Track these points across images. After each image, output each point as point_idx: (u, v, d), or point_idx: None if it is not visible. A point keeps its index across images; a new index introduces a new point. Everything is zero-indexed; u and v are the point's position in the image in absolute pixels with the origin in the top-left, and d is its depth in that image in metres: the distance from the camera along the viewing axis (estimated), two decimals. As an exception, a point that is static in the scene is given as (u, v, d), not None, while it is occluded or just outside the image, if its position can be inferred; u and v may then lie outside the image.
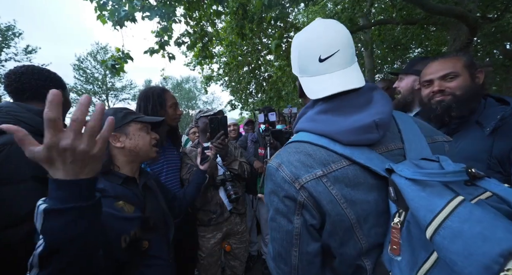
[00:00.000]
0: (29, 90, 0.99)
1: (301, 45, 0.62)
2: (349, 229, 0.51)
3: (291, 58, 0.67)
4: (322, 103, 0.60)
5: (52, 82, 1.05)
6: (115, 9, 2.80)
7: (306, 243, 0.54)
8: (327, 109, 0.58)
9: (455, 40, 3.85)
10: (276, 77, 6.66)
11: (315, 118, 0.59)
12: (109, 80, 20.09)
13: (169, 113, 1.40)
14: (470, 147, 0.89)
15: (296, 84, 0.66)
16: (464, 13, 3.20)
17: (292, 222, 0.54)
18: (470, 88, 0.91)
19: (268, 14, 2.93)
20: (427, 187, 0.43)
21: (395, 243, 0.47)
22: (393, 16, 5.42)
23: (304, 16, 8.16)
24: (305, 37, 0.61)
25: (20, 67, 1.02)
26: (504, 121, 0.83)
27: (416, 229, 0.43)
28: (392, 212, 0.48)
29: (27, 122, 0.89)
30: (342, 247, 0.53)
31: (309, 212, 0.53)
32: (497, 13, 4.99)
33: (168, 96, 1.42)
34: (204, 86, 7.85)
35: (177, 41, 3.76)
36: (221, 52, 6.81)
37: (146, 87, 1.44)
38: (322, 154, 0.54)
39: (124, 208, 0.80)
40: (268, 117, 2.33)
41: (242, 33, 3.97)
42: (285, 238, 0.55)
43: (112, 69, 3.11)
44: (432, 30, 6.54)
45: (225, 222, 1.60)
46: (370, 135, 0.54)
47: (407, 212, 0.45)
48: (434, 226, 0.38)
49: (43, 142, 0.44)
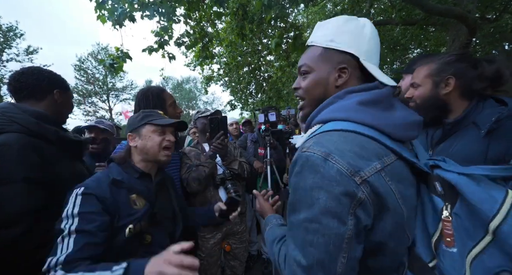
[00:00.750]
0: (26, 89, 0.99)
1: (372, 34, 0.62)
2: (402, 226, 0.51)
3: (353, 36, 0.60)
4: (360, 95, 0.57)
5: (51, 82, 1.05)
6: (114, 7, 2.81)
7: (355, 247, 0.47)
8: (368, 102, 0.55)
9: (454, 40, 3.86)
10: (276, 78, 6.68)
11: (358, 108, 0.54)
12: (110, 80, 20.10)
13: (169, 112, 1.41)
14: (465, 149, 0.88)
15: (346, 70, 0.60)
16: (463, 13, 3.21)
17: (346, 223, 0.45)
18: (429, 97, 0.95)
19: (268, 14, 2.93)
20: (480, 181, 0.48)
21: (448, 236, 0.50)
22: (392, 17, 5.43)
23: (304, 16, 8.19)
24: (375, 32, 0.63)
25: (23, 68, 1.03)
26: (500, 123, 0.81)
27: (466, 220, 0.48)
28: (439, 206, 0.52)
29: (21, 124, 0.88)
30: (397, 245, 0.52)
31: (365, 211, 0.46)
32: (496, 14, 5.00)
33: (167, 95, 1.42)
34: (205, 86, 7.87)
35: (177, 41, 3.77)
36: (221, 52, 6.83)
37: (144, 88, 1.43)
38: (374, 146, 0.50)
39: (136, 201, 0.89)
40: (268, 117, 2.33)
41: (242, 34, 3.98)
42: (332, 242, 0.46)
43: (110, 68, 3.11)
44: (431, 30, 6.55)
45: (224, 222, 1.60)
46: (413, 132, 0.57)
47: (454, 205, 0.50)
48: (501, 216, 0.43)
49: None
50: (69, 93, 1.14)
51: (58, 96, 1.07)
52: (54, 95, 1.06)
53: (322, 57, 0.63)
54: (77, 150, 1.10)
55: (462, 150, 0.89)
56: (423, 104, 0.97)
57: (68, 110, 1.17)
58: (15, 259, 0.79)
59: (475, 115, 0.89)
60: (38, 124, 0.92)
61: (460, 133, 0.93)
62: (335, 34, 0.62)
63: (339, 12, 5.58)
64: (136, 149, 0.98)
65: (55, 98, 1.06)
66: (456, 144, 0.92)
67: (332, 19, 0.65)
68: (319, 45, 0.64)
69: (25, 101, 0.99)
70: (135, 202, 0.88)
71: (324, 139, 0.52)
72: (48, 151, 0.92)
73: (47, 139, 0.94)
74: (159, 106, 1.37)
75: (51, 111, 1.04)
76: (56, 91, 1.06)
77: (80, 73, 18.84)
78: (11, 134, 0.85)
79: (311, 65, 0.64)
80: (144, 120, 0.98)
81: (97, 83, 19.61)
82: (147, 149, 0.96)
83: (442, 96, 0.94)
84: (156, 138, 0.97)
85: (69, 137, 1.03)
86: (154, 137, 0.96)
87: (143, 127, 0.97)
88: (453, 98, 0.94)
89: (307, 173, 0.49)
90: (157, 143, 0.96)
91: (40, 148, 0.89)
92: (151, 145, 0.96)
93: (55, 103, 1.07)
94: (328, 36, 0.62)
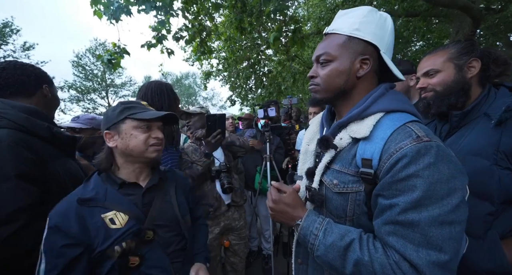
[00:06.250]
0: (13, 85, 0.95)
1: (392, 28, 0.64)
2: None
3: (377, 27, 0.62)
4: (391, 87, 0.66)
5: (38, 77, 1.01)
6: (109, 2, 2.75)
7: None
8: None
9: (458, 32, 3.77)
10: (276, 72, 6.59)
11: (408, 102, 0.64)
12: (108, 76, 19.95)
13: (178, 110, 1.39)
14: (475, 140, 0.83)
15: (368, 61, 0.62)
16: (468, 4, 3.13)
17: (467, 205, 0.51)
18: (453, 82, 0.89)
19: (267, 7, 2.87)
20: None
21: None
22: (395, 8, 5.32)
23: (304, 9, 8.02)
24: (393, 26, 0.65)
25: (2, 62, 0.97)
26: (511, 113, 0.76)
27: None
28: None
29: (12, 120, 0.85)
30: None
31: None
32: (501, 4, 4.88)
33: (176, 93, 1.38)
34: (204, 82, 7.79)
35: (175, 35, 3.71)
36: (220, 47, 6.73)
37: (155, 81, 1.33)
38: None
39: (114, 219, 0.74)
40: (268, 112, 2.30)
41: (241, 27, 3.90)
42: (463, 227, 0.50)
43: (108, 64, 3.07)
44: (434, 22, 6.42)
45: (222, 216, 1.59)
46: None
47: None
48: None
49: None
50: (54, 87, 1.10)
51: (47, 91, 1.04)
52: (43, 90, 1.02)
53: (345, 46, 0.62)
54: (70, 147, 1.07)
55: (471, 141, 0.84)
56: (448, 90, 0.90)
57: (56, 105, 1.13)
58: (6, 260, 0.76)
59: (487, 106, 0.85)
60: (28, 120, 0.88)
61: (470, 125, 0.88)
62: (361, 23, 0.61)
63: (340, 4, 5.46)
64: (117, 149, 0.81)
65: (44, 93, 1.03)
66: (466, 136, 0.87)
67: (356, 8, 0.65)
68: (343, 34, 0.62)
69: (12, 98, 0.94)
70: (112, 220, 0.73)
71: (423, 128, 0.54)
72: (41, 147, 0.89)
73: (39, 135, 0.90)
74: (174, 104, 1.30)
75: (41, 107, 1.00)
76: (45, 86, 1.03)
77: (78, 70, 18.69)
78: (1, 131, 0.82)
79: (333, 54, 0.63)
80: (124, 114, 0.80)
81: (95, 79, 19.48)
82: (130, 149, 0.80)
83: (468, 80, 0.88)
84: (140, 136, 0.80)
85: (62, 133, 1.00)
86: (137, 134, 0.80)
87: (122, 123, 0.80)
88: (474, 83, 0.89)
89: (443, 163, 0.49)
90: (141, 141, 0.80)
91: (31, 144, 0.86)
92: (135, 144, 0.80)
93: (44, 99, 1.03)
94: (354, 25, 0.61)
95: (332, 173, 0.65)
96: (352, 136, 0.61)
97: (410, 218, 0.48)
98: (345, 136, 0.63)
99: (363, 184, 0.58)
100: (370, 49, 0.61)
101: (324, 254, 0.56)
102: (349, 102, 0.66)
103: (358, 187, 0.58)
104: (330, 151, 0.64)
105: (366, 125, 0.59)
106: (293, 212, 0.65)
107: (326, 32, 0.68)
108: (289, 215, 0.65)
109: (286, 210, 0.65)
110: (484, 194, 0.78)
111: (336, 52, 0.62)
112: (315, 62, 0.68)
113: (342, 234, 0.56)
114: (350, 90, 0.65)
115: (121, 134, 0.80)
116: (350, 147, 0.63)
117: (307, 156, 0.79)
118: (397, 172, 0.50)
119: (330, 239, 0.56)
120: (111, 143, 0.81)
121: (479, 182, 0.76)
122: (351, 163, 0.60)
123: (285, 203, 0.66)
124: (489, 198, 0.78)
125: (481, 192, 0.77)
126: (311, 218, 0.62)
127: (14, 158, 0.80)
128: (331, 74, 0.63)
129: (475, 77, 0.89)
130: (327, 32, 0.67)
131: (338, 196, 0.62)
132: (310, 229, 0.60)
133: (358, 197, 0.59)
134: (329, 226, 0.59)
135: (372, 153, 0.55)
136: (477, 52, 0.88)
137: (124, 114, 0.80)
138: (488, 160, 0.78)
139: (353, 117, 0.62)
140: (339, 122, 0.66)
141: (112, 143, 0.81)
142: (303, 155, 0.81)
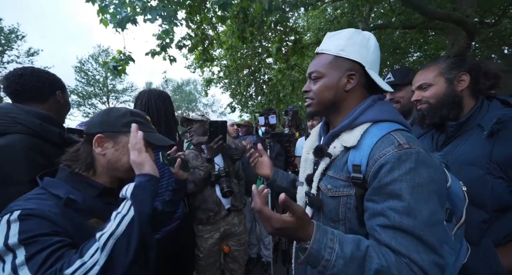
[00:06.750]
0: (29, 92, 0.98)
1: (375, 46, 0.71)
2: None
3: (360, 47, 0.69)
4: (380, 98, 0.72)
5: (52, 83, 1.05)
6: (116, 11, 2.85)
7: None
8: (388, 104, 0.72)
9: (454, 44, 3.89)
10: (276, 80, 6.70)
11: (395, 112, 0.69)
12: (110, 82, 20.13)
13: (174, 119, 1.43)
14: (470, 151, 0.87)
15: (354, 76, 0.70)
16: (462, 18, 3.24)
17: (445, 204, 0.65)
18: (445, 95, 0.95)
19: (268, 18, 2.97)
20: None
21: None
22: (392, 21, 5.47)
23: (304, 20, 8.24)
24: (377, 44, 0.72)
25: (20, 69, 1.00)
26: (503, 124, 0.80)
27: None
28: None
29: (25, 125, 0.88)
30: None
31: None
32: (495, 19, 5.05)
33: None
34: (205, 89, 7.89)
35: (178, 44, 3.80)
36: (221, 55, 6.86)
37: (155, 89, 1.38)
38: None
39: (96, 227, 0.62)
40: (269, 120, 2.34)
41: (243, 37, 4.01)
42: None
43: (113, 71, 3.15)
44: (431, 34, 6.59)
45: (222, 221, 1.60)
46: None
47: None
48: None
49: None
50: (67, 93, 1.15)
51: (60, 97, 1.07)
52: (56, 96, 1.06)
53: (332, 64, 0.71)
54: None
55: (465, 152, 0.88)
56: (440, 102, 0.95)
57: (67, 110, 1.17)
58: None
59: (480, 117, 0.89)
60: (42, 125, 0.91)
61: (464, 136, 0.92)
62: (345, 44, 0.69)
63: (339, 16, 5.62)
64: (104, 158, 0.71)
65: (57, 99, 1.06)
66: (460, 146, 0.91)
67: (341, 31, 0.73)
68: (330, 53, 0.71)
69: (26, 103, 0.98)
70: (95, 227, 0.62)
71: (406, 135, 0.59)
72: (53, 153, 0.91)
73: (51, 141, 0.93)
74: (171, 114, 1.36)
75: (54, 112, 1.03)
76: (58, 92, 1.06)
77: (80, 75, 18.88)
78: (15, 136, 0.85)
79: (322, 71, 0.72)
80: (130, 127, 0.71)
81: (97, 85, 19.64)
82: (121, 164, 0.72)
83: (458, 92, 0.94)
84: None
85: (72, 139, 1.03)
86: None
87: (124, 135, 0.72)
88: (466, 95, 0.94)
89: (423, 168, 0.54)
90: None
91: (44, 149, 0.89)
92: (126, 162, 0.70)
93: (57, 105, 1.07)
94: (339, 46, 0.70)
95: (327, 179, 0.71)
96: (343, 145, 0.68)
97: (406, 224, 0.51)
98: (337, 145, 0.70)
99: (354, 188, 0.63)
100: (356, 66, 0.69)
101: (343, 270, 0.50)
102: (340, 114, 0.73)
103: (349, 191, 0.64)
104: (325, 159, 0.71)
105: (354, 135, 0.65)
106: (297, 228, 0.54)
107: (317, 52, 0.77)
108: (295, 235, 0.55)
109: (292, 232, 0.55)
110: (479, 202, 0.81)
111: (325, 70, 0.71)
112: (308, 78, 0.76)
113: (356, 242, 0.53)
114: (340, 102, 0.72)
115: (117, 145, 0.72)
116: (342, 155, 0.69)
117: (307, 164, 0.84)
118: (383, 177, 0.55)
119: (348, 250, 0.51)
120: (100, 149, 0.71)
121: (474, 191, 0.78)
122: (343, 169, 0.66)
123: (290, 228, 0.54)
124: (484, 206, 0.81)
125: (477, 201, 0.80)
126: (323, 228, 0.55)
127: (28, 163, 0.83)
128: (321, 89, 0.71)
129: (466, 90, 0.93)
130: (317, 52, 0.76)
131: (331, 200, 0.67)
132: (324, 242, 0.52)
133: (349, 200, 0.64)
134: (340, 235, 0.54)
135: (360, 159, 0.62)
136: (466, 66, 0.94)
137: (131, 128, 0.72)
138: (482, 169, 0.82)
139: (344, 128, 0.69)
140: (332, 132, 0.73)
141: (100, 149, 0.70)
142: (303, 162, 0.86)
